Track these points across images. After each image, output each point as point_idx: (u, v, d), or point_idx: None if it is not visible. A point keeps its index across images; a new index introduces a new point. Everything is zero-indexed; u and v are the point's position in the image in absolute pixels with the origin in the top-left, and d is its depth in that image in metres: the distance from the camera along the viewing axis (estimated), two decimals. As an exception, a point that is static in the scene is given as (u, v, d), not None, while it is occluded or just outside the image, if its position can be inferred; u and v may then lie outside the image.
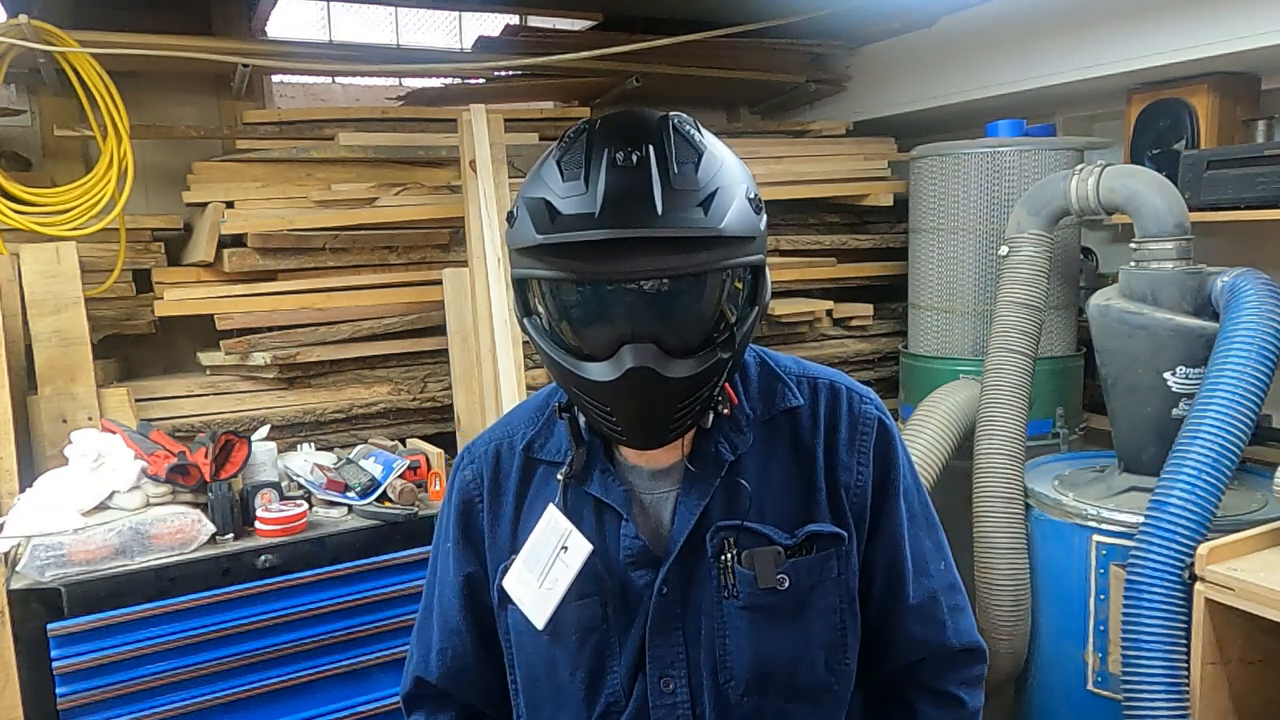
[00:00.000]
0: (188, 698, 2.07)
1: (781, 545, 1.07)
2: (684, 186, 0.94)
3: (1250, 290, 2.20)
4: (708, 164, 0.97)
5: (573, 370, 1.00)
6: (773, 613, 1.08)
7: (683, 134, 0.98)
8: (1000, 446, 2.62)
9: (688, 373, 0.98)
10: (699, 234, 0.93)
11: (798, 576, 1.08)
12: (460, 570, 1.20)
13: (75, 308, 2.48)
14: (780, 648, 1.08)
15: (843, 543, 1.10)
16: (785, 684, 1.09)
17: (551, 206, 0.95)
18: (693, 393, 1.00)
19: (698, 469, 1.09)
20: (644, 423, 1.02)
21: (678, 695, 1.08)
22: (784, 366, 1.18)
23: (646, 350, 0.96)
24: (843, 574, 1.10)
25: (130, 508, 2.13)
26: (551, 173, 0.97)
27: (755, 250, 1.00)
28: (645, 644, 1.09)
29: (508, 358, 2.72)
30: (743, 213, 0.97)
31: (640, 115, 1.01)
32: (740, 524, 1.08)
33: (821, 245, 3.57)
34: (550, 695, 1.14)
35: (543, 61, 3.08)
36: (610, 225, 0.91)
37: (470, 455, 1.22)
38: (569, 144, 0.99)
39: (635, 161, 0.94)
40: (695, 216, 0.93)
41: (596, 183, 0.93)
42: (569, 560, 1.08)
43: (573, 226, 0.93)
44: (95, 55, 2.55)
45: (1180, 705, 2.02)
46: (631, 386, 0.97)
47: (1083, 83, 2.93)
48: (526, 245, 0.96)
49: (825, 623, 1.10)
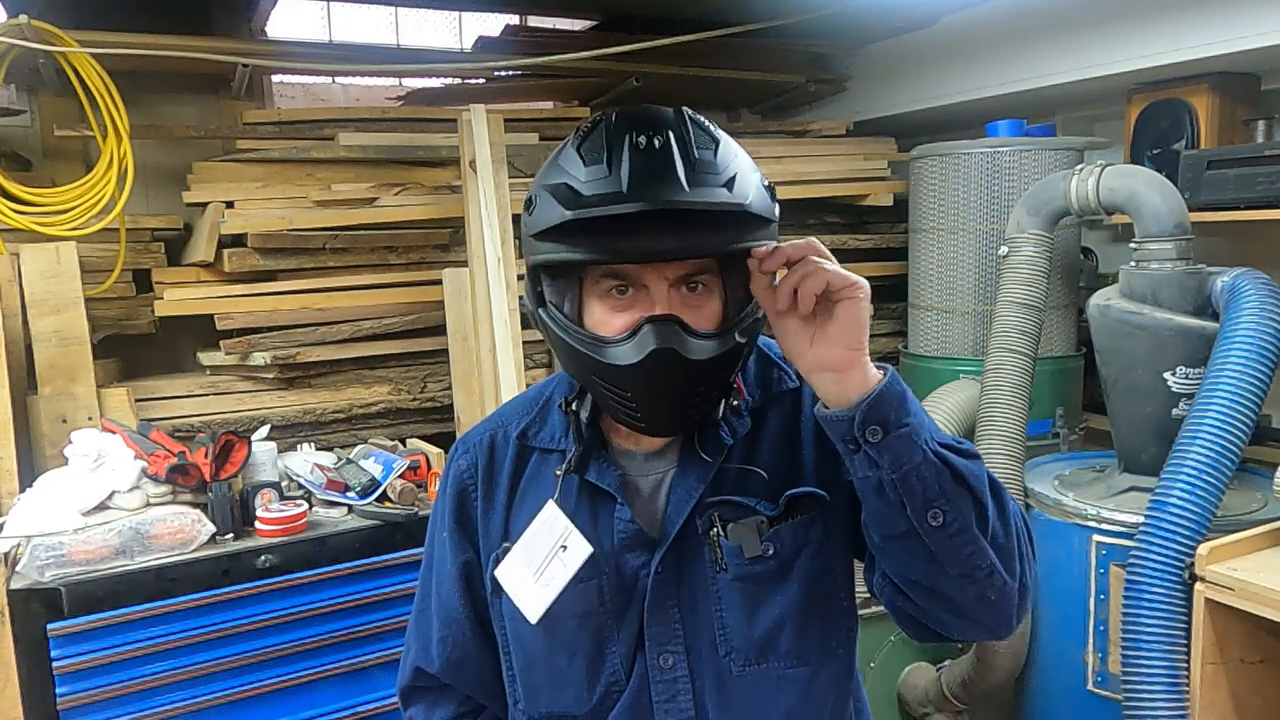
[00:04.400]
0: (188, 697, 2.07)
1: (765, 515, 1.08)
2: (706, 168, 0.96)
3: (1250, 290, 2.19)
4: (725, 150, 0.99)
5: (593, 356, 1.00)
6: (763, 581, 1.09)
7: (699, 124, 1.01)
8: (1000, 446, 2.62)
9: (708, 355, 0.99)
10: (727, 207, 0.95)
11: (783, 543, 1.08)
12: (457, 558, 1.20)
13: (75, 308, 2.48)
14: (774, 615, 1.09)
15: (825, 503, 1.10)
16: (784, 651, 1.10)
17: (574, 189, 0.96)
18: (711, 377, 1.01)
19: (696, 452, 1.10)
20: (663, 408, 1.02)
21: (677, 670, 1.09)
22: (775, 350, 1.18)
23: (670, 329, 0.97)
24: (831, 534, 1.11)
25: (130, 508, 2.13)
26: (572, 160, 0.98)
27: (773, 235, 1.01)
28: (643, 624, 1.09)
29: (508, 358, 2.72)
30: (762, 195, 0.99)
31: (656, 107, 1.03)
32: (726, 498, 1.09)
33: (821, 245, 3.57)
34: (549, 679, 1.14)
35: (543, 61, 3.08)
36: (639, 199, 0.92)
37: (465, 445, 1.23)
38: (588, 133, 1.00)
39: (658, 145, 0.96)
40: (720, 194, 0.95)
41: (620, 165, 0.95)
42: (567, 560, 1.08)
43: (598, 204, 0.94)
44: (95, 55, 2.55)
45: (1180, 705, 2.02)
46: (654, 369, 0.97)
47: (1083, 83, 2.92)
48: (551, 225, 0.96)
49: (817, 586, 1.10)
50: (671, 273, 0.99)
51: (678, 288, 1.00)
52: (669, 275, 0.99)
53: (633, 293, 1.00)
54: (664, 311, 0.98)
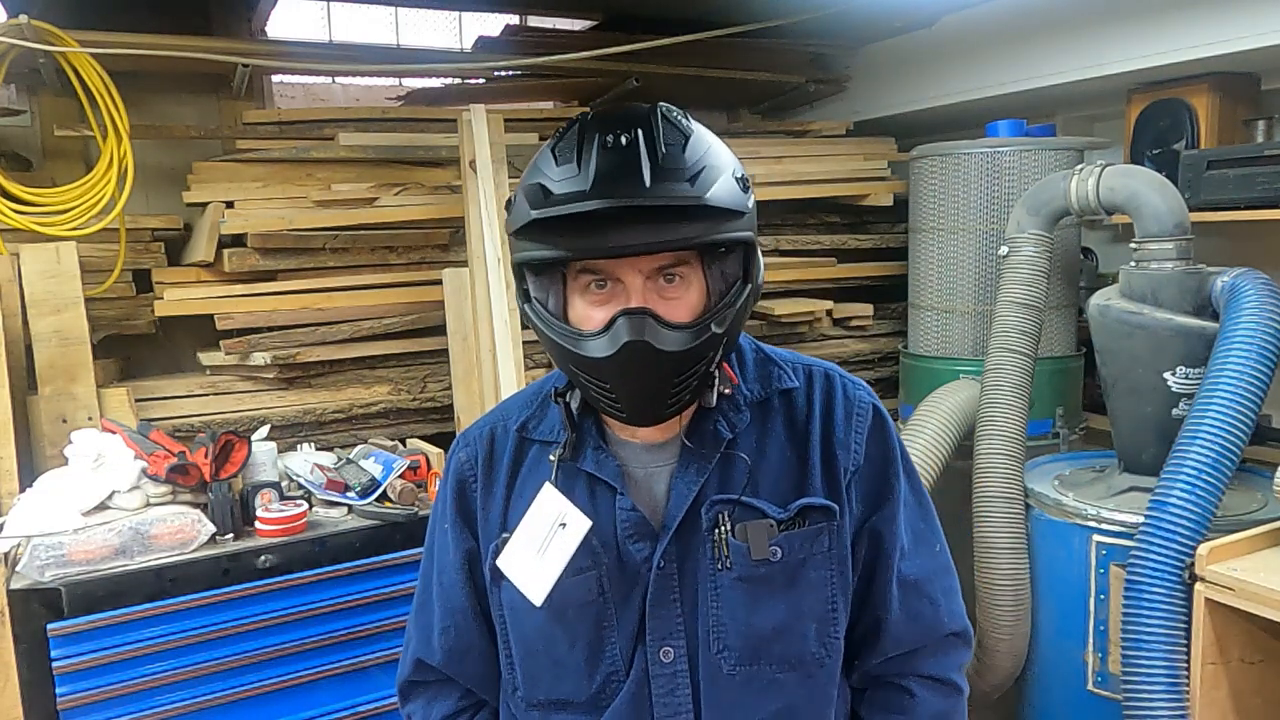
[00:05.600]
0: (188, 697, 2.07)
1: (774, 519, 1.09)
2: (671, 164, 0.98)
3: (1250, 290, 2.20)
4: (694, 145, 1.01)
5: (571, 349, 1.03)
6: (765, 584, 1.10)
7: (670, 119, 1.03)
8: (1000, 446, 2.62)
9: (681, 346, 1.00)
10: (685, 203, 0.97)
11: (790, 549, 1.10)
12: (459, 548, 1.20)
13: (75, 308, 2.48)
14: (772, 618, 1.10)
15: (834, 516, 1.11)
16: (777, 654, 1.11)
17: (545, 188, 0.99)
18: (688, 368, 1.02)
19: (695, 445, 1.11)
20: (642, 398, 1.04)
21: (677, 664, 1.10)
22: (778, 354, 1.21)
23: (642, 321, 0.99)
24: (834, 548, 1.12)
25: (130, 508, 2.13)
26: (546, 160, 1.02)
27: (744, 226, 1.03)
28: (644, 616, 1.10)
29: (508, 357, 2.72)
30: (729, 188, 1.00)
31: (630, 106, 1.06)
32: (736, 498, 1.10)
33: (821, 245, 3.57)
34: (549, 668, 1.14)
35: (543, 61, 3.08)
36: (600, 197, 0.95)
37: (465, 439, 1.24)
38: (563, 133, 1.03)
39: (625, 143, 0.98)
40: (682, 189, 0.97)
41: (588, 164, 0.97)
42: (568, 536, 1.09)
43: (564, 202, 0.96)
44: (95, 55, 2.55)
45: (1180, 705, 2.02)
46: (628, 361, 0.99)
47: (1083, 83, 2.93)
48: (522, 224, 1.00)
49: (816, 595, 1.12)
50: (645, 266, 1.01)
51: (654, 280, 1.02)
52: (643, 269, 1.01)
53: (610, 286, 1.02)
54: (638, 304, 1.00)
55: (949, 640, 1.20)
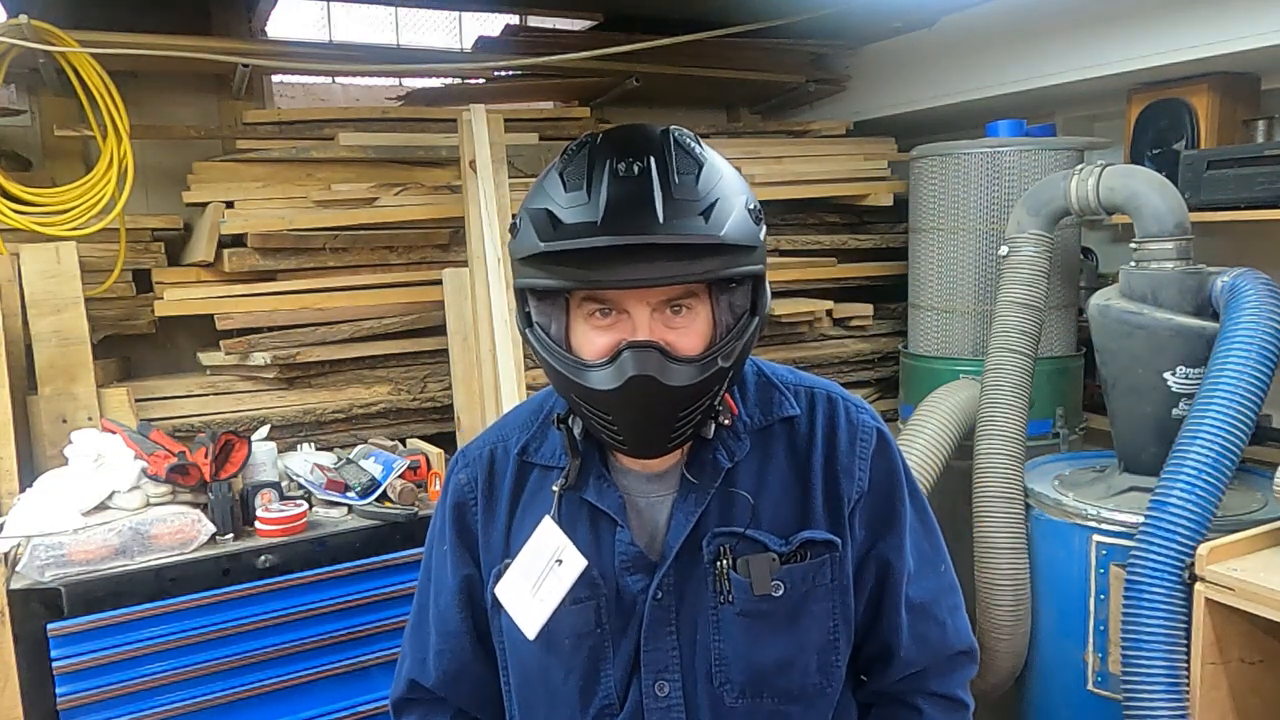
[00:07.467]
0: (188, 697, 2.07)
1: (776, 552, 1.08)
2: (685, 196, 0.95)
3: (1250, 290, 2.19)
4: (708, 175, 0.98)
5: (574, 379, 1.01)
6: (768, 618, 1.08)
7: (683, 146, 1.00)
8: (1000, 446, 2.62)
9: (688, 381, 0.98)
10: (700, 240, 0.94)
11: (792, 583, 1.08)
12: (457, 572, 1.19)
13: (75, 308, 2.48)
14: (775, 652, 1.09)
15: (836, 549, 1.10)
16: (780, 687, 1.10)
17: (554, 216, 0.96)
18: (694, 401, 1.01)
19: (695, 476, 1.09)
20: (645, 432, 1.02)
21: (671, 698, 1.09)
22: (780, 376, 1.18)
23: (648, 355, 0.97)
24: (836, 578, 1.11)
25: (130, 508, 2.13)
26: (554, 184, 0.99)
27: (755, 260, 1.01)
28: (639, 648, 1.09)
29: (507, 358, 2.72)
30: (743, 222, 0.98)
31: (641, 128, 1.02)
32: (739, 531, 1.08)
33: (821, 245, 3.57)
34: (544, 698, 1.14)
35: (543, 61, 3.08)
36: (612, 232, 0.92)
37: (465, 459, 1.22)
38: (571, 156, 1.00)
39: (637, 172, 0.95)
40: (696, 224, 0.94)
41: (599, 193, 0.94)
42: (563, 574, 1.08)
43: (575, 234, 0.94)
44: (95, 55, 2.54)
45: (1180, 705, 2.02)
46: (633, 395, 0.97)
47: (1083, 83, 2.93)
48: (529, 254, 0.97)
49: (819, 627, 1.11)
50: (653, 298, 0.99)
51: (661, 311, 1.00)
52: (650, 300, 0.99)
53: (615, 315, 1.00)
54: (644, 338, 0.98)
55: (956, 659, 1.20)
